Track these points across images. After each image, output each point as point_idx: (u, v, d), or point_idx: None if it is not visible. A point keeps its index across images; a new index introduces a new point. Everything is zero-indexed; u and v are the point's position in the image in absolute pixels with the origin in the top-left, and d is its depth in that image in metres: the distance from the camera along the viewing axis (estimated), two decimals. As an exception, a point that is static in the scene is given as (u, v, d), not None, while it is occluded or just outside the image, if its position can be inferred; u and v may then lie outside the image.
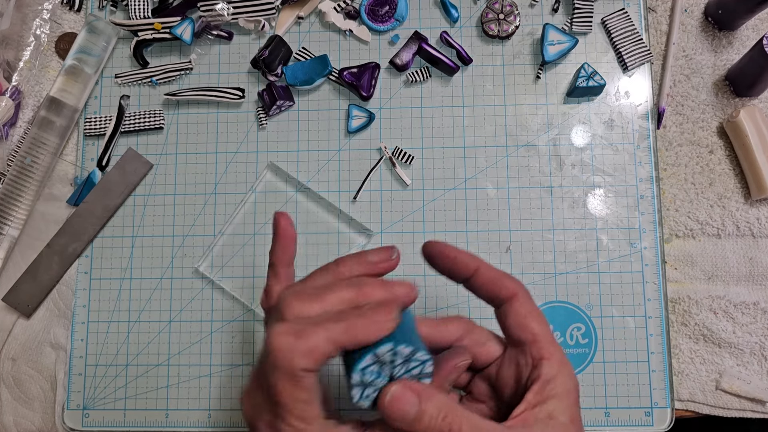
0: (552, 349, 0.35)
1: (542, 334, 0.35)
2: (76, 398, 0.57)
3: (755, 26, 0.60)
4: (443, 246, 0.38)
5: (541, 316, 0.36)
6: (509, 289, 0.36)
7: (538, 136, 0.59)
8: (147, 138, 0.61)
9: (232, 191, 0.59)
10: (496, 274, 0.37)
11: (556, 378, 0.34)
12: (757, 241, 0.57)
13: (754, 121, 0.56)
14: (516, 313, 0.36)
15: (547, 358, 0.34)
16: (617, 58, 0.59)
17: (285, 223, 0.39)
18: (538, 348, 0.35)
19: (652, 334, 0.55)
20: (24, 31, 0.63)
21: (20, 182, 0.58)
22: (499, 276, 0.37)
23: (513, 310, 0.36)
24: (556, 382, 0.34)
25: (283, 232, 0.39)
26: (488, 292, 0.37)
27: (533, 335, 0.35)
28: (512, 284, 0.36)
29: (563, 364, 0.35)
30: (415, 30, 0.60)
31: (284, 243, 0.39)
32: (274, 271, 0.39)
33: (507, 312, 0.36)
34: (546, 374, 0.34)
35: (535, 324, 0.36)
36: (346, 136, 0.60)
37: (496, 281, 0.37)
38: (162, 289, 0.58)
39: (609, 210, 0.57)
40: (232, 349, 0.57)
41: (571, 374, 0.35)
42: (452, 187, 0.58)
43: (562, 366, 0.35)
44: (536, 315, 0.36)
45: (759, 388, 0.54)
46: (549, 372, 0.34)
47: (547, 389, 0.33)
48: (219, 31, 0.61)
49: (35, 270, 0.59)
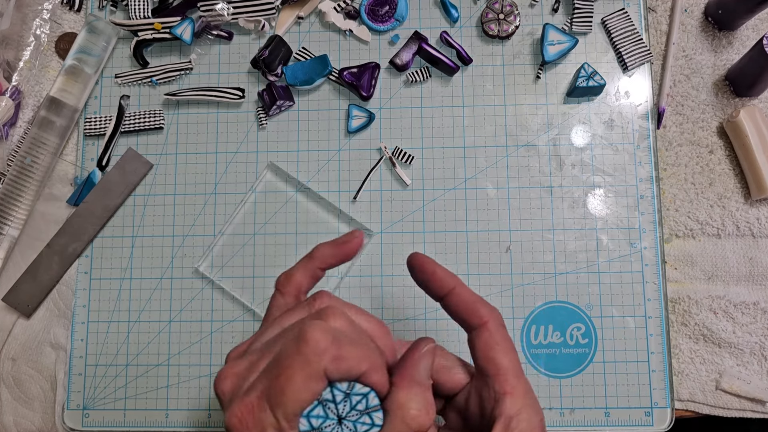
0: (516, 382, 0.34)
1: (507, 367, 0.34)
2: (76, 398, 0.57)
3: (755, 26, 0.60)
4: (424, 259, 0.37)
5: (510, 349, 0.35)
6: (480, 316, 0.35)
7: (538, 136, 0.59)
8: (147, 138, 0.61)
9: (232, 191, 0.59)
10: (470, 298, 0.36)
11: (520, 414, 0.33)
12: (757, 241, 0.57)
13: (754, 121, 0.56)
14: (484, 342, 0.35)
15: (509, 393, 0.33)
16: (617, 58, 0.59)
17: (358, 243, 0.39)
18: (501, 382, 0.34)
19: (652, 334, 0.55)
20: (24, 31, 0.63)
21: (20, 182, 0.58)
22: (472, 301, 0.36)
23: (482, 339, 0.35)
24: (520, 419, 0.33)
25: (352, 246, 0.39)
26: (461, 315, 0.36)
27: (497, 368, 0.34)
28: (485, 311, 0.35)
29: (527, 399, 0.34)
30: (415, 30, 0.60)
31: (342, 251, 0.39)
32: (308, 260, 0.39)
33: (475, 340, 0.35)
34: (509, 411, 0.33)
35: (501, 356, 0.34)
36: (346, 136, 0.60)
37: (468, 305, 0.36)
38: (162, 289, 0.58)
39: (609, 210, 0.57)
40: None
41: (536, 409, 0.34)
42: (452, 187, 0.58)
43: (526, 401, 0.34)
44: (504, 347, 0.35)
45: (759, 388, 0.54)
46: (512, 408, 0.33)
47: (511, 427, 0.33)
48: (219, 31, 0.61)
49: (35, 270, 0.59)
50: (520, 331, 0.56)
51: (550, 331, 0.56)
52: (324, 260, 0.38)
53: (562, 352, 0.55)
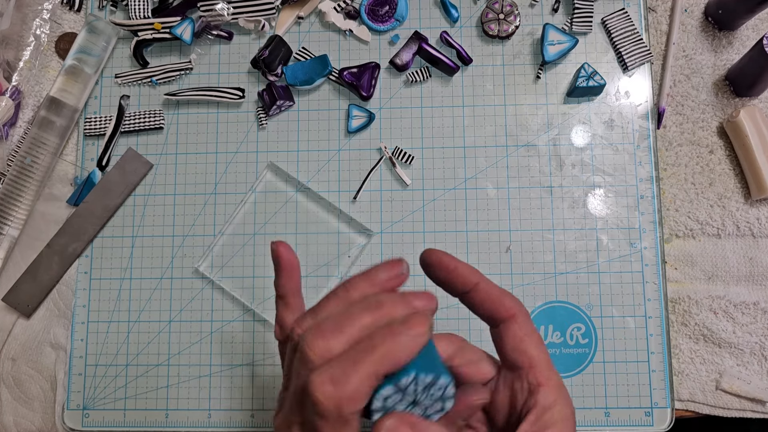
0: (550, 375, 0.33)
1: (540, 359, 0.34)
2: (76, 398, 0.57)
3: (755, 26, 0.60)
4: (442, 255, 0.36)
5: (540, 340, 0.35)
6: (508, 309, 0.34)
7: (538, 136, 0.59)
8: (147, 138, 0.61)
9: (232, 191, 0.59)
10: (496, 291, 0.35)
11: (554, 406, 0.32)
12: (757, 241, 0.57)
13: (754, 121, 0.56)
14: (513, 335, 0.34)
15: (544, 385, 0.33)
16: (617, 58, 0.59)
17: (286, 252, 0.37)
18: (536, 374, 0.33)
19: (652, 334, 0.55)
20: (24, 31, 0.63)
21: (20, 182, 0.58)
22: (498, 294, 0.35)
23: (510, 332, 0.34)
24: (554, 411, 0.32)
25: (285, 262, 0.37)
26: (486, 310, 0.35)
27: (530, 360, 0.34)
28: (512, 304, 0.35)
29: (561, 391, 0.33)
30: (415, 30, 0.60)
31: (288, 273, 0.38)
32: (283, 302, 0.37)
33: (504, 333, 0.35)
34: (543, 402, 0.32)
35: (533, 348, 0.34)
36: (346, 136, 0.60)
37: (495, 299, 0.35)
38: (162, 289, 0.58)
39: (609, 210, 0.57)
40: (232, 349, 0.57)
41: (568, 401, 0.33)
42: (452, 187, 0.58)
43: (559, 393, 0.33)
44: (535, 339, 0.34)
45: (759, 388, 0.54)
46: (546, 400, 0.32)
47: (545, 418, 0.32)
48: (219, 31, 0.61)
49: (35, 270, 0.59)
50: (520, 331, 0.56)
51: (550, 331, 0.56)
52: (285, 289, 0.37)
53: (562, 352, 0.55)
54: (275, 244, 0.37)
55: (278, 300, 0.38)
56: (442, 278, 0.36)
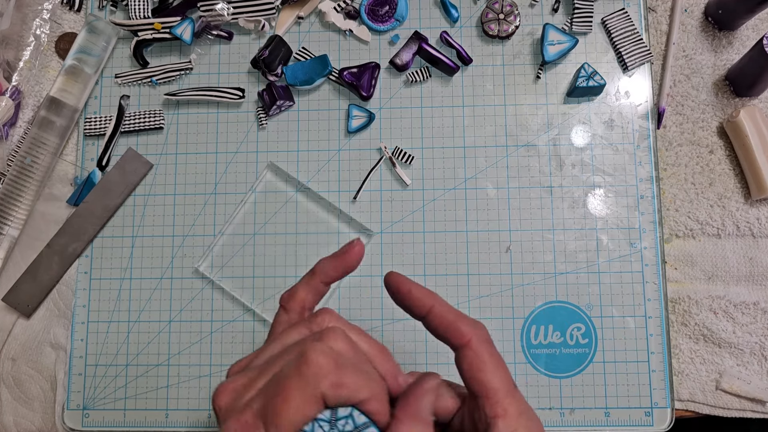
0: (508, 403, 0.32)
1: (496, 388, 0.32)
2: (76, 398, 0.57)
3: (755, 26, 0.60)
4: (399, 279, 0.36)
5: (497, 365, 0.33)
6: (462, 335, 0.33)
7: (538, 136, 0.59)
8: (147, 138, 0.61)
9: (232, 191, 0.59)
10: (450, 317, 0.34)
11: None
12: (757, 241, 0.57)
13: (754, 121, 0.56)
14: (468, 363, 0.33)
15: (500, 416, 0.32)
16: (617, 58, 0.59)
17: (359, 251, 0.37)
18: (491, 405, 0.32)
19: (652, 334, 0.55)
20: (24, 31, 0.63)
21: (20, 182, 0.58)
22: (453, 319, 0.34)
23: (466, 359, 0.33)
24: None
25: (350, 258, 0.37)
26: (441, 335, 0.34)
27: (485, 390, 0.32)
28: (467, 329, 0.33)
29: (522, 419, 0.32)
30: (415, 30, 0.60)
31: (343, 262, 0.37)
32: (310, 279, 0.37)
33: (461, 361, 0.33)
34: None
35: (488, 376, 0.32)
36: (346, 136, 0.60)
37: (449, 325, 0.34)
38: (162, 289, 0.58)
39: (609, 210, 0.57)
40: (232, 349, 0.57)
41: (530, 427, 0.32)
42: (452, 187, 0.58)
43: (520, 421, 0.32)
44: (491, 364, 0.33)
45: (759, 388, 0.54)
46: (505, 429, 0.31)
47: None
48: (219, 31, 0.61)
49: (35, 270, 0.59)
50: (520, 331, 0.56)
51: (550, 331, 0.56)
52: (326, 274, 0.37)
53: (562, 352, 0.55)
54: (358, 241, 0.38)
55: (308, 274, 0.37)
56: (399, 302, 0.36)
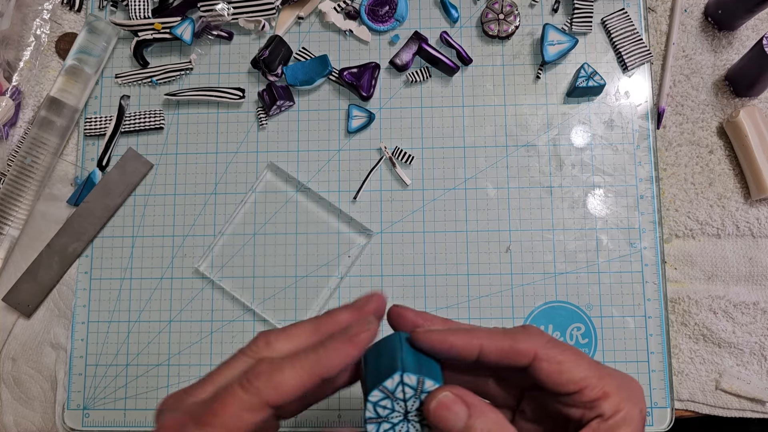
0: (603, 384, 0.30)
1: (584, 377, 0.30)
2: (76, 398, 0.57)
3: (755, 26, 0.60)
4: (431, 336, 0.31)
5: (573, 354, 0.30)
6: (526, 354, 0.30)
7: (538, 136, 0.59)
8: (147, 138, 0.61)
9: (232, 191, 0.59)
10: (503, 343, 0.31)
11: (618, 412, 0.30)
12: (756, 241, 0.57)
13: (754, 121, 0.56)
14: (546, 374, 0.30)
15: (602, 398, 0.30)
16: (617, 58, 0.59)
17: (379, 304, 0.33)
18: (588, 394, 0.30)
19: (651, 334, 0.55)
20: (24, 31, 0.63)
21: (20, 182, 0.58)
22: (508, 344, 0.31)
23: (542, 372, 0.30)
24: (619, 416, 0.30)
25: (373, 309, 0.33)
26: (504, 365, 0.31)
27: (576, 386, 0.30)
28: (525, 345, 0.30)
29: (622, 391, 0.30)
30: (415, 30, 0.60)
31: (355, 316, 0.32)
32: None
33: (536, 374, 0.31)
34: (607, 411, 0.30)
35: (572, 374, 0.30)
36: (346, 136, 0.60)
37: (507, 354, 0.31)
38: (162, 289, 0.58)
39: (609, 210, 0.57)
40: (232, 349, 0.57)
41: (634, 399, 0.30)
42: (452, 187, 0.58)
43: (621, 394, 0.30)
44: (568, 362, 0.30)
45: (759, 388, 0.54)
46: (610, 408, 0.30)
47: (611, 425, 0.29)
48: (219, 31, 0.61)
49: (35, 270, 0.59)
50: (520, 331, 0.56)
51: (550, 331, 0.56)
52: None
53: (562, 352, 0.55)
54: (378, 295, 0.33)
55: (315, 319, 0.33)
56: (445, 357, 0.32)
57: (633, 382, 0.31)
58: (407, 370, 0.30)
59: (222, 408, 0.28)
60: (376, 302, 0.32)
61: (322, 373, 0.29)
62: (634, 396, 0.30)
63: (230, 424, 0.28)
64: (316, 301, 0.58)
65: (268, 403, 0.29)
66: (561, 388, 0.30)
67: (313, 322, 0.32)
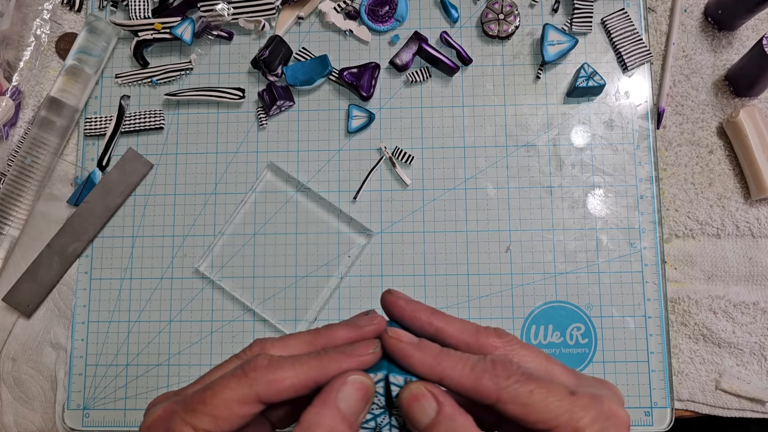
0: (577, 418, 0.28)
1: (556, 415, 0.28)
2: (76, 398, 0.57)
3: (755, 26, 0.60)
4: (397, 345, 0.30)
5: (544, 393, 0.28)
6: (489, 396, 0.28)
7: (538, 136, 0.59)
8: (147, 138, 0.61)
9: (232, 191, 0.59)
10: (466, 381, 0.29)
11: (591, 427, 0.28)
12: (756, 241, 0.57)
13: (754, 121, 0.56)
14: (514, 414, 0.28)
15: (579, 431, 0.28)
16: (617, 58, 0.59)
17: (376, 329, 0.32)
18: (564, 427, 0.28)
19: (651, 334, 0.55)
20: (24, 31, 0.63)
21: (20, 182, 0.58)
22: (470, 383, 0.29)
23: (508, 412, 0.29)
24: None
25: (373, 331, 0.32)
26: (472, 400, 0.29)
27: (547, 425, 0.28)
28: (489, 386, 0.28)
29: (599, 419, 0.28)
30: (415, 30, 0.60)
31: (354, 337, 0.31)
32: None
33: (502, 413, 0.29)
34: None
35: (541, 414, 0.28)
36: (346, 136, 0.60)
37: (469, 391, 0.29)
38: (162, 289, 0.58)
39: (609, 210, 0.57)
40: (232, 349, 0.57)
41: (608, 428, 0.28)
42: (452, 187, 0.58)
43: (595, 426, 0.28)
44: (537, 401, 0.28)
45: (759, 388, 0.54)
46: None
47: None
48: (219, 31, 0.61)
49: (35, 270, 0.59)
50: (520, 332, 0.56)
51: (550, 331, 0.56)
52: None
53: (562, 352, 0.55)
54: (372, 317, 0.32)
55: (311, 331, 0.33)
56: None
57: (611, 409, 0.29)
58: (393, 371, 0.30)
59: (212, 396, 0.28)
60: (377, 327, 0.32)
61: (319, 379, 0.29)
62: (611, 427, 0.28)
63: (219, 413, 0.28)
64: (316, 301, 0.58)
65: (260, 397, 0.28)
66: (530, 427, 0.28)
67: (310, 333, 0.32)
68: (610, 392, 0.30)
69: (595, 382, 0.31)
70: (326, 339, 0.31)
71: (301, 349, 0.31)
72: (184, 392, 0.30)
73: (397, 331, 0.31)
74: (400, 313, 0.32)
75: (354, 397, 0.29)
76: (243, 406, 0.28)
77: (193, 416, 0.28)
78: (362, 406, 0.29)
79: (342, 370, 0.29)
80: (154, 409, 0.30)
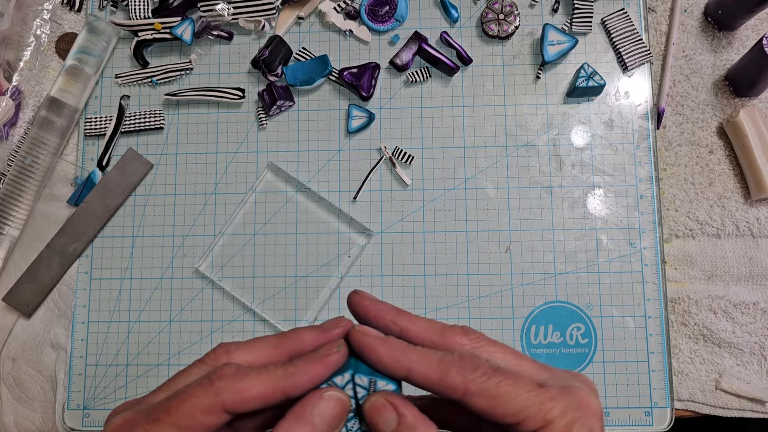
0: (545, 410, 0.28)
1: (525, 407, 0.27)
2: (76, 398, 0.57)
3: (755, 26, 0.60)
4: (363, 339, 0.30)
5: (513, 385, 0.28)
6: (455, 389, 0.28)
7: (538, 136, 0.59)
8: (147, 138, 0.61)
9: (232, 191, 0.59)
10: (432, 374, 0.29)
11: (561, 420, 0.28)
12: (756, 241, 0.57)
13: (754, 121, 0.56)
14: (481, 409, 0.28)
15: (545, 427, 0.28)
16: (617, 58, 0.59)
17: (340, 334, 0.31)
18: (530, 424, 0.28)
19: (651, 334, 0.55)
20: (24, 31, 0.63)
21: (20, 182, 0.58)
22: (437, 377, 0.28)
23: (476, 405, 0.28)
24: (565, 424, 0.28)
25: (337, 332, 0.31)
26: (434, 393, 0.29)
27: (515, 418, 0.28)
28: (456, 379, 0.28)
29: (569, 411, 0.28)
30: (415, 30, 0.60)
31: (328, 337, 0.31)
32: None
33: (470, 407, 0.28)
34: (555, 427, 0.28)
35: (508, 406, 0.28)
36: (346, 136, 0.60)
37: (436, 384, 0.29)
38: (162, 289, 0.58)
39: (609, 210, 0.57)
40: (232, 349, 0.57)
41: (579, 418, 0.28)
42: (452, 187, 0.58)
43: (566, 417, 0.28)
44: (504, 394, 0.28)
45: (759, 388, 0.54)
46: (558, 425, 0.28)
47: None
48: (219, 31, 0.61)
49: (35, 270, 0.59)
50: (519, 331, 0.56)
51: (549, 331, 0.56)
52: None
53: (561, 352, 0.55)
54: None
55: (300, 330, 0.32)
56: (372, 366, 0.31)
57: (583, 399, 0.29)
58: (359, 371, 0.30)
59: (176, 405, 0.27)
60: (344, 328, 0.31)
61: (287, 388, 0.28)
62: (582, 417, 0.28)
63: (183, 422, 0.27)
64: (316, 301, 0.58)
65: (226, 407, 0.27)
66: (499, 420, 0.28)
67: (275, 337, 0.31)
68: (582, 383, 0.30)
69: (566, 374, 0.31)
70: (292, 342, 0.31)
71: (266, 353, 0.31)
72: (147, 400, 0.30)
73: (363, 327, 0.31)
74: (365, 313, 0.32)
75: (329, 413, 0.29)
76: (208, 415, 0.27)
77: (156, 425, 0.27)
78: (337, 422, 0.29)
79: (311, 377, 0.29)
80: (115, 418, 0.29)
